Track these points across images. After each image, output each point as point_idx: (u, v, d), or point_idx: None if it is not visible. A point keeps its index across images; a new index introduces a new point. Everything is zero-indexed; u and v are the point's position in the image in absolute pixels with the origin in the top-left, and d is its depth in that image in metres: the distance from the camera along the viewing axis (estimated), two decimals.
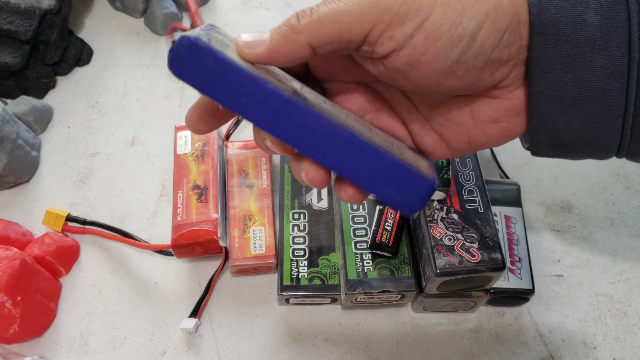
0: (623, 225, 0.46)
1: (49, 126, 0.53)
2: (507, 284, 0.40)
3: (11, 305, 0.39)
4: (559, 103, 0.22)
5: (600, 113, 0.22)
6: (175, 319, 0.42)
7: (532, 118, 0.23)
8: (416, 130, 0.27)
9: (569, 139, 0.23)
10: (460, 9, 0.21)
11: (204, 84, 0.22)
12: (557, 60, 0.21)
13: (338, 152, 0.22)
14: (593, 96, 0.21)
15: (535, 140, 0.24)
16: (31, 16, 0.51)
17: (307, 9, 0.22)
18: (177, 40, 0.21)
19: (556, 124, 0.22)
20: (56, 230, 0.46)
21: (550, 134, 0.23)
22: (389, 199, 0.23)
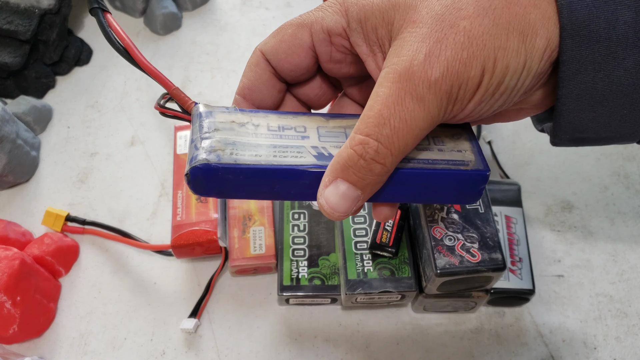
0: (624, 225, 0.46)
1: (48, 126, 0.53)
2: (508, 284, 0.40)
3: (11, 306, 0.38)
4: (587, 101, 0.22)
5: (628, 106, 0.21)
6: (175, 319, 0.42)
7: (558, 117, 0.22)
8: None
9: (594, 132, 0.23)
10: (504, 68, 0.21)
11: (235, 193, 0.22)
12: (588, 61, 0.21)
13: (388, 189, 0.23)
14: (622, 92, 0.21)
15: (557, 135, 0.23)
16: (31, 16, 0.51)
17: (377, 147, 0.21)
18: (189, 174, 0.22)
19: (582, 120, 0.22)
20: (56, 230, 0.46)
21: (575, 129, 0.23)
22: (449, 201, 0.24)
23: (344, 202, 0.22)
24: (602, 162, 0.49)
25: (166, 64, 0.57)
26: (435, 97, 0.21)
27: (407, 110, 0.21)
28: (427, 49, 0.21)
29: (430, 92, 0.21)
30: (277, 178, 0.22)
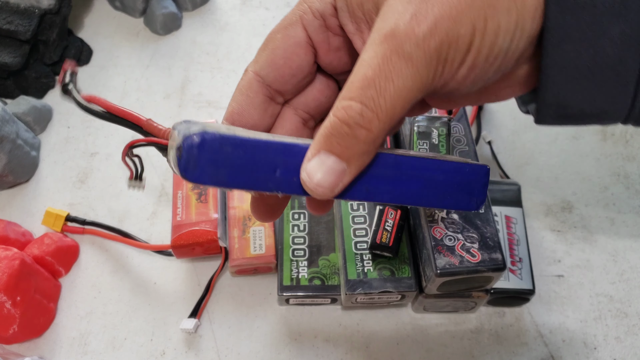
0: (624, 225, 0.46)
1: (48, 126, 0.53)
2: (508, 284, 0.40)
3: (10, 306, 0.38)
4: (572, 73, 0.21)
5: (613, 80, 0.21)
6: (175, 319, 0.42)
7: (541, 90, 0.22)
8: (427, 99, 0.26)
9: (578, 108, 0.22)
10: (496, 27, 0.20)
11: (230, 177, 0.19)
12: (573, 29, 0.20)
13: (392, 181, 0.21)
14: (608, 64, 0.20)
15: (542, 111, 0.22)
16: (31, 16, 0.51)
17: (362, 111, 0.20)
18: (182, 145, 0.19)
19: (566, 94, 0.21)
20: (56, 230, 0.46)
21: (560, 104, 0.22)
22: (450, 203, 0.23)
23: (328, 177, 0.20)
24: (602, 162, 0.49)
25: (166, 64, 0.57)
26: (424, 55, 0.19)
27: (394, 69, 0.19)
28: (413, 9, 0.19)
29: (419, 49, 0.19)
30: (280, 157, 0.20)
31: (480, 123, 0.51)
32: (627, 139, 0.51)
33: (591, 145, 0.50)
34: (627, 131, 0.51)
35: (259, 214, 0.24)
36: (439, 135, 0.39)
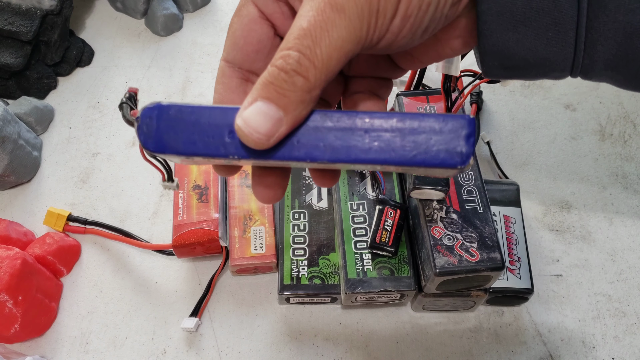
0: (622, 225, 0.46)
1: (50, 126, 0.53)
2: (506, 284, 0.40)
3: (12, 305, 0.39)
4: (508, 20, 0.21)
5: (552, 27, 0.21)
6: (176, 318, 0.42)
7: (481, 38, 0.22)
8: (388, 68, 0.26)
9: (521, 58, 0.22)
10: None
11: (186, 145, 0.20)
12: None
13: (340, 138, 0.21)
14: (544, 10, 0.20)
15: (485, 61, 0.22)
16: (32, 17, 0.51)
17: (299, 59, 0.20)
18: (140, 116, 0.20)
19: (507, 42, 0.21)
20: (57, 230, 0.46)
21: (501, 53, 0.22)
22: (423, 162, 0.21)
23: (264, 123, 0.20)
24: (600, 162, 0.50)
25: (167, 64, 0.57)
26: (356, 6, 0.20)
27: (328, 20, 0.20)
28: None
29: (350, 1, 0.20)
30: (228, 121, 0.20)
31: (479, 123, 0.51)
32: (625, 139, 0.51)
33: (589, 146, 0.50)
34: (625, 131, 0.51)
35: (259, 193, 0.24)
36: None
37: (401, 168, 0.22)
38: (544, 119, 0.52)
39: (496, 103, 0.53)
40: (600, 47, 0.21)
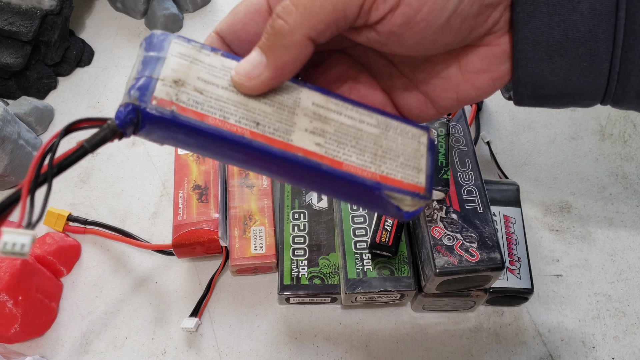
0: (622, 225, 0.46)
1: (50, 126, 0.53)
2: (506, 284, 0.40)
3: (12, 305, 0.39)
4: (544, 50, 0.21)
5: (587, 58, 0.21)
6: (176, 318, 0.42)
7: (516, 67, 0.22)
8: (398, 94, 0.25)
9: (554, 87, 0.22)
10: None
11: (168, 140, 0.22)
12: (542, 3, 0.20)
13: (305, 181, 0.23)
14: (580, 40, 0.20)
15: (518, 91, 0.22)
16: (32, 17, 0.51)
17: (285, 4, 0.20)
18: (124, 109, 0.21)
19: (541, 72, 0.21)
20: (57, 230, 0.46)
21: (535, 83, 0.22)
22: (378, 212, 0.24)
23: (246, 65, 0.21)
24: (601, 162, 0.50)
25: None
26: None
27: None
28: None
29: None
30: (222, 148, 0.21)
31: (479, 123, 0.51)
32: (625, 139, 0.51)
33: (589, 146, 0.50)
34: (625, 131, 0.51)
35: None
36: (437, 135, 0.39)
37: None
38: (544, 119, 0.52)
39: (496, 103, 0.53)
40: (634, 77, 0.21)
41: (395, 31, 0.21)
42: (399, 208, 0.23)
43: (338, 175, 0.22)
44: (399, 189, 0.23)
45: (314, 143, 0.22)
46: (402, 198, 0.23)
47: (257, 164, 0.22)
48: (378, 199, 0.23)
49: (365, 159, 0.23)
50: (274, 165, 0.22)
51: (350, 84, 0.25)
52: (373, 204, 0.23)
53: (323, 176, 0.22)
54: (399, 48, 0.22)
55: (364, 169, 0.22)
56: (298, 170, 0.22)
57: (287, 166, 0.22)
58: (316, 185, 0.23)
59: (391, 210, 0.23)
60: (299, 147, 0.22)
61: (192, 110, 0.20)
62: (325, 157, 0.22)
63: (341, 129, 0.23)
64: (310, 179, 0.23)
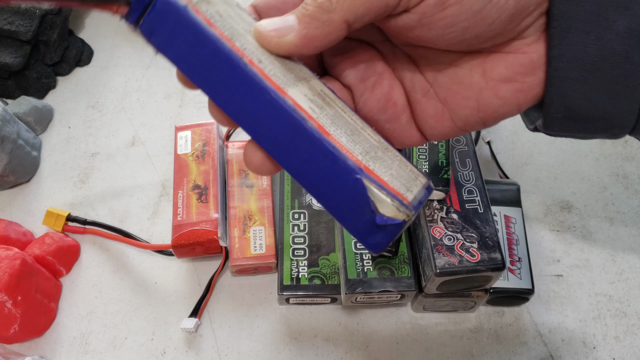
0: (622, 225, 0.46)
1: (49, 126, 0.53)
2: (507, 284, 0.40)
3: (12, 305, 0.39)
4: (579, 69, 0.20)
5: (620, 81, 0.20)
6: (176, 318, 0.42)
7: (549, 86, 0.21)
8: (417, 98, 0.24)
9: (586, 111, 0.21)
10: None
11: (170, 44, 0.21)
12: (578, 19, 0.19)
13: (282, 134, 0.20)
14: (615, 61, 0.20)
15: (549, 113, 0.21)
16: (31, 16, 0.51)
17: None
18: None
19: (574, 93, 0.21)
20: (56, 230, 0.46)
21: (567, 105, 0.21)
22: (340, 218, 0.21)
23: (276, 20, 0.20)
24: (601, 162, 0.49)
25: (167, 64, 0.57)
26: None
27: None
28: None
29: None
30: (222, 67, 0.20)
31: None
32: (626, 139, 0.51)
33: (590, 146, 0.50)
34: None
35: (252, 163, 0.22)
36: None
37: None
38: None
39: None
40: None
41: (428, 12, 0.20)
42: (374, 210, 0.19)
43: (319, 140, 0.20)
44: (382, 185, 0.20)
45: (309, 107, 0.20)
46: (382, 198, 0.20)
47: (240, 96, 0.20)
48: (354, 187, 0.20)
49: (355, 148, 0.20)
50: (258, 103, 0.20)
51: (375, 78, 0.24)
52: (345, 195, 0.20)
53: (302, 136, 0.20)
54: (427, 33, 0.21)
55: (350, 151, 0.20)
56: (280, 119, 0.20)
57: (271, 109, 0.20)
58: (289, 147, 0.20)
59: (363, 211, 0.20)
60: (291, 97, 0.20)
61: (204, 16, 0.20)
62: (314, 119, 0.20)
63: (340, 117, 0.21)
64: (286, 135, 0.20)
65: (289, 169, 0.21)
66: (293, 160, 0.20)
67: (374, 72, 0.25)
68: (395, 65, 0.25)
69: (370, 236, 0.20)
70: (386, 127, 0.25)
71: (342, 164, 0.20)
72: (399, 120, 0.25)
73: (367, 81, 0.24)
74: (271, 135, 0.20)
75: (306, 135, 0.20)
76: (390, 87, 0.25)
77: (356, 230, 0.20)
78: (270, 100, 0.20)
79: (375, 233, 0.20)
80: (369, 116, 0.25)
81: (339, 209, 0.20)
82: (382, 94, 0.24)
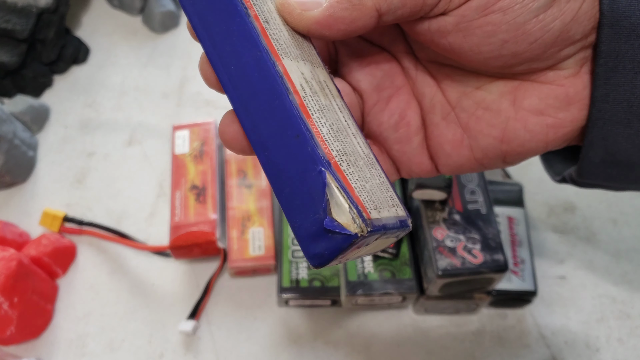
0: (626, 226, 0.46)
1: (45, 125, 0.53)
2: (510, 286, 0.39)
3: (8, 307, 0.38)
4: (624, 111, 0.19)
5: None
6: (174, 321, 0.42)
7: (591, 128, 0.19)
8: (436, 121, 0.22)
9: (628, 157, 0.20)
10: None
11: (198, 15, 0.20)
12: (627, 58, 0.18)
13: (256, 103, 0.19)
14: None
15: (588, 156, 0.20)
16: (28, 15, 0.50)
17: None
18: None
19: (617, 137, 0.19)
20: (53, 231, 0.45)
21: (609, 149, 0.19)
22: (288, 211, 0.18)
23: (310, 2, 0.19)
24: None
25: (164, 62, 0.57)
26: None
27: None
28: None
29: None
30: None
31: None
32: None
33: None
34: None
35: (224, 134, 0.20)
36: None
37: None
38: None
39: None
40: None
41: (468, 15, 0.19)
42: (326, 210, 0.17)
43: (296, 117, 0.18)
44: (346, 189, 0.17)
45: (300, 84, 0.19)
46: (340, 201, 0.17)
47: (232, 47, 0.19)
48: (315, 179, 0.17)
49: (333, 144, 0.19)
50: (247, 60, 0.19)
51: (392, 91, 0.23)
52: (302, 186, 0.18)
53: (280, 107, 0.18)
54: (462, 41, 0.19)
55: (326, 143, 0.18)
56: (263, 81, 0.18)
57: (257, 69, 0.18)
58: (262, 116, 0.18)
59: (314, 208, 0.17)
60: (283, 65, 0.19)
61: None
62: (299, 95, 0.18)
63: (332, 112, 0.20)
64: (263, 101, 0.18)
65: (255, 142, 0.19)
66: (262, 131, 0.18)
67: (391, 84, 0.23)
68: (416, 83, 0.23)
69: (312, 241, 0.17)
70: (395, 148, 0.23)
71: (311, 150, 0.18)
72: (410, 143, 0.23)
73: (383, 92, 0.23)
74: (248, 99, 0.19)
75: (283, 108, 0.18)
76: (407, 104, 0.23)
77: (301, 229, 0.18)
78: (259, 59, 0.18)
79: (319, 239, 0.17)
80: (377, 132, 0.23)
81: (291, 200, 0.18)
82: (396, 110, 0.23)
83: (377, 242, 0.19)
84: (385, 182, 0.20)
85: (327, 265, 0.18)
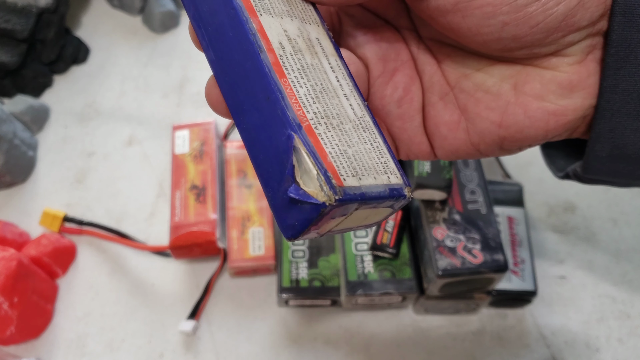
0: (626, 226, 0.46)
1: (45, 125, 0.53)
2: (510, 286, 0.39)
3: (8, 307, 0.38)
4: (635, 103, 0.18)
5: None
6: (174, 321, 0.42)
7: (599, 119, 0.19)
8: (433, 101, 0.22)
9: (635, 151, 0.19)
10: None
11: None
12: (639, 47, 0.18)
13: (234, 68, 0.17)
14: None
15: (594, 150, 0.19)
16: (28, 15, 0.50)
17: None
18: None
19: (625, 129, 0.19)
20: (53, 230, 0.45)
21: (617, 142, 0.19)
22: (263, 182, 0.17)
23: None
24: None
25: (164, 62, 0.57)
26: None
27: None
28: None
29: None
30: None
31: None
32: None
33: None
34: None
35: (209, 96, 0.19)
36: None
37: None
38: None
39: None
40: None
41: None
42: (293, 176, 0.16)
43: (266, 76, 0.17)
44: (315, 154, 0.16)
45: (278, 42, 0.18)
46: (309, 167, 0.16)
47: (210, 6, 0.18)
48: (284, 144, 0.16)
49: (310, 106, 0.17)
50: (222, 19, 0.18)
51: (398, 64, 0.22)
52: (273, 153, 0.16)
53: (252, 68, 0.17)
54: (461, 21, 0.19)
55: (300, 105, 0.17)
56: (236, 41, 0.17)
57: (230, 27, 0.17)
58: (236, 79, 0.17)
59: (283, 177, 0.16)
60: (259, 22, 0.18)
61: None
62: (274, 54, 0.17)
63: (319, 72, 0.18)
64: (237, 63, 0.17)
65: (232, 106, 0.18)
66: (237, 94, 0.17)
67: (396, 57, 0.22)
68: (417, 59, 0.22)
69: (284, 212, 0.16)
70: (396, 124, 0.22)
71: (280, 113, 0.16)
72: (412, 121, 0.22)
73: (388, 64, 0.22)
74: (224, 60, 0.18)
75: (254, 67, 0.17)
76: (411, 80, 0.22)
77: (273, 200, 0.16)
78: (233, 16, 0.17)
79: (289, 209, 0.16)
80: (380, 106, 0.22)
81: (264, 169, 0.17)
82: (400, 84, 0.22)
83: (359, 213, 0.17)
84: (381, 147, 0.19)
85: (303, 237, 0.17)
